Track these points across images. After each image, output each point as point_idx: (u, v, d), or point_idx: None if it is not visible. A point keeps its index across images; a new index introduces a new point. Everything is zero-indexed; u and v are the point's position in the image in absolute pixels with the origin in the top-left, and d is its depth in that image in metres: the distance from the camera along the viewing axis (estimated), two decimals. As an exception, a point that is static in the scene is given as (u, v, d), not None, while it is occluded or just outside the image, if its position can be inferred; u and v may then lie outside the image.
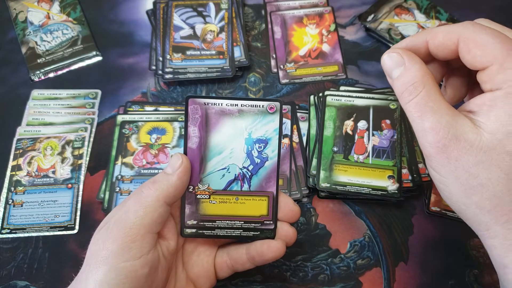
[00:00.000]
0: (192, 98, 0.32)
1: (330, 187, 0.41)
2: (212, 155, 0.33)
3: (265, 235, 0.34)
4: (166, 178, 0.31)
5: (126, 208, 0.30)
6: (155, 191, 0.30)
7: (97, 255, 0.28)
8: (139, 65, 0.52)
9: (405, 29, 0.52)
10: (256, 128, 0.33)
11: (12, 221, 0.42)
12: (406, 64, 0.29)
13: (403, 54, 0.29)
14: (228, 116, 0.32)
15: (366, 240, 0.41)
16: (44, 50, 0.53)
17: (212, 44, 0.51)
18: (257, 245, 0.33)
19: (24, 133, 0.47)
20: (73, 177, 0.44)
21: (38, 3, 0.56)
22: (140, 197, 0.30)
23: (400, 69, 0.29)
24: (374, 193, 0.41)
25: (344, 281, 0.39)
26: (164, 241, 0.32)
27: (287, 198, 0.34)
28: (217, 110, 0.32)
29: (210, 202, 0.33)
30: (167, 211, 0.31)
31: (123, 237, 0.28)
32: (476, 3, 0.54)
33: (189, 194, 0.33)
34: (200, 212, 0.33)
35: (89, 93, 0.50)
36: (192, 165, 0.32)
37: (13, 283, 0.39)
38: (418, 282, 0.39)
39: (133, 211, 0.29)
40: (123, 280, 0.27)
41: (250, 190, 0.33)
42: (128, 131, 0.46)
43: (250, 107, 0.32)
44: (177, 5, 0.54)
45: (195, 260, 0.35)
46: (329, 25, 0.54)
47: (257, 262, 0.34)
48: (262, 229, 0.34)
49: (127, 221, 0.29)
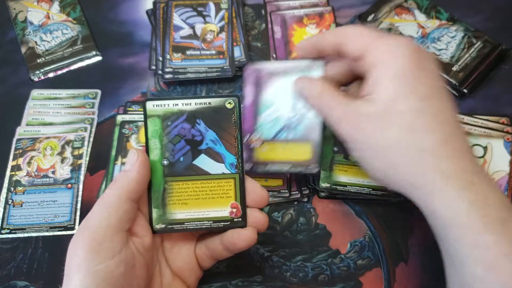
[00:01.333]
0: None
1: (330, 187, 0.41)
2: (264, 109, 0.38)
3: (235, 225, 0.34)
4: (125, 175, 0.31)
5: (92, 212, 0.30)
6: (115, 190, 0.30)
7: (71, 264, 0.28)
8: (139, 65, 0.52)
9: (405, 29, 0.52)
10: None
11: (11, 221, 0.42)
12: (310, 84, 0.36)
13: (304, 79, 0.37)
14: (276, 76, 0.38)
15: (366, 240, 0.41)
16: (43, 50, 0.53)
17: (212, 44, 0.51)
18: (229, 235, 0.33)
19: (24, 133, 0.47)
20: (72, 177, 0.44)
21: (37, 3, 0.56)
22: (103, 198, 0.30)
23: (307, 90, 0.36)
24: (374, 193, 0.41)
25: (344, 281, 0.39)
26: (137, 238, 0.32)
27: (254, 182, 0.34)
28: (267, 72, 0.38)
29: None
30: (133, 207, 0.31)
31: (91, 241, 0.28)
32: (476, 3, 0.54)
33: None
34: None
35: (89, 93, 0.50)
36: (247, 119, 0.38)
37: (13, 283, 0.39)
38: (419, 282, 0.39)
39: (97, 213, 0.30)
40: (101, 283, 0.28)
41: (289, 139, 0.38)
42: (128, 131, 0.46)
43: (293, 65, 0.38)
44: (177, 5, 0.54)
45: (176, 255, 0.35)
46: (329, 25, 0.54)
47: (232, 251, 0.34)
48: (232, 218, 0.34)
49: (93, 224, 0.29)
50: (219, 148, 0.34)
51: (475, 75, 0.48)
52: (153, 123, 0.33)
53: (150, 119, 0.33)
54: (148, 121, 0.33)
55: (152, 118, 0.33)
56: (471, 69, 0.48)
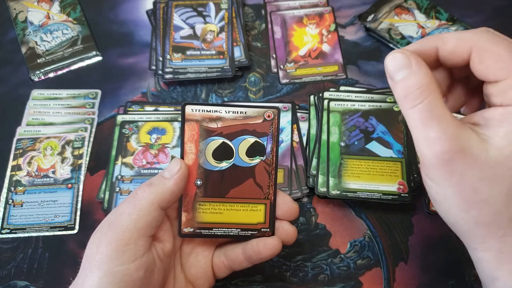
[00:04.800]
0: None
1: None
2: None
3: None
4: (162, 182, 0.31)
5: (121, 210, 0.30)
6: (150, 194, 0.30)
7: (92, 260, 0.28)
8: (139, 65, 0.52)
9: (405, 29, 0.52)
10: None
11: (12, 221, 0.42)
12: (413, 67, 0.27)
13: (410, 56, 0.27)
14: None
15: (366, 240, 0.41)
16: (44, 50, 0.53)
17: (212, 44, 0.51)
18: (253, 244, 0.33)
19: (24, 133, 0.47)
20: (73, 177, 0.44)
21: (38, 3, 0.56)
22: (134, 199, 0.30)
23: (405, 71, 0.27)
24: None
25: (344, 281, 0.39)
26: (159, 243, 0.32)
27: (286, 196, 0.34)
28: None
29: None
30: (161, 214, 0.31)
31: (116, 240, 0.28)
32: (476, 3, 0.54)
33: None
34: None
35: (89, 93, 0.50)
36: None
37: (13, 283, 0.39)
38: (418, 282, 0.39)
39: (127, 214, 0.29)
40: (119, 284, 0.27)
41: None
42: (128, 131, 0.46)
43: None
44: (177, 5, 0.54)
45: (192, 261, 0.35)
46: (329, 25, 0.54)
47: (254, 261, 0.34)
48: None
49: (120, 224, 0.29)
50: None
51: (475, 75, 0.48)
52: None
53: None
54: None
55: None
56: (471, 69, 0.48)
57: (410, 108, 0.26)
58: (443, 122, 0.25)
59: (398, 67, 0.27)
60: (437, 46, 0.28)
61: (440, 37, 0.28)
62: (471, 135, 0.25)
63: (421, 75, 0.27)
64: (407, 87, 0.27)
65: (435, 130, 0.25)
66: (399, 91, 0.27)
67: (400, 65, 0.27)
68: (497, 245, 0.26)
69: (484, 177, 0.25)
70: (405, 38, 0.51)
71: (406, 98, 0.27)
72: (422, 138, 0.26)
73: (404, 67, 0.27)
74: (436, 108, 0.26)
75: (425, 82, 0.26)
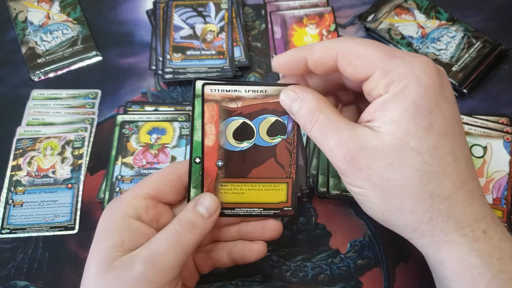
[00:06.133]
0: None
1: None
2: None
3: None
4: (204, 224, 0.30)
5: (160, 248, 0.29)
6: (195, 237, 0.30)
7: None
8: (139, 65, 0.52)
9: (405, 29, 0.52)
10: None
11: (12, 221, 0.42)
12: (301, 97, 0.29)
13: (295, 89, 0.30)
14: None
15: (366, 240, 0.41)
16: (44, 50, 0.53)
17: (212, 44, 0.51)
18: (239, 249, 0.34)
19: (24, 133, 0.47)
20: (73, 177, 0.44)
21: (38, 3, 0.56)
22: (179, 239, 0.29)
23: (296, 104, 0.30)
24: None
25: (344, 281, 0.39)
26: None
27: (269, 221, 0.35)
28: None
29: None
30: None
31: (158, 281, 0.28)
32: (476, 3, 0.54)
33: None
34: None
35: (89, 93, 0.50)
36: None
37: (13, 283, 0.39)
38: (419, 282, 0.39)
39: (172, 255, 0.29)
40: None
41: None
42: (128, 131, 0.46)
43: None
44: (177, 5, 0.54)
45: None
46: (329, 25, 0.54)
47: (238, 263, 0.35)
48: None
49: (164, 264, 0.28)
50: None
51: (475, 75, 0.48)
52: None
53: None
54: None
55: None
56: (471, 69, 0.48)
57: (310, 130, 0.29)
58: (337, 130, 0.28)
59: (290, 102, 0.30)
60: (305, 56, 0.29)
61: (308, 47, 0.29)
62: (365, 132, 0.27)
63: (308, 101, 0.29)
64: (302, 116, 0.29)
65: (332, 139, 0.28)
66: (299, 121, 0.30)
67: (291, 100, 0.30)
68: (429, 230, 0.27)
69: (388, 164, 0.26)
70: (405, 38, 0.51)
71: (305, 124, 0.29)
72: (327, 151, 0.28)
73: (294, 100, 0.30)
74: (329, 122, 0.28)
75: (313, 105, 0.29)
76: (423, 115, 0.26)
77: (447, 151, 0.26)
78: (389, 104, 0.26)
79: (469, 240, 0.26)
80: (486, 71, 0.48)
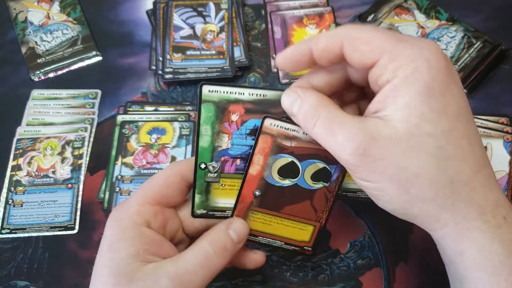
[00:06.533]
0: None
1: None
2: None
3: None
4: (233, 249, 0.31)
5: (190, 268, 0.29)
6: (224, 260, 0.30)
7: None
8: (139, 65, 0.52)
9: (405, 29, 0.52)
10: None
11: (12, 221, 0.42)
12: (302, 96, 0.28)
13: (296, 89, 0.29)
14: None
15: (366, 240, 0.41)
16: (44, 50, 0.53)
17: (212, 44, 0.51)
18: (239, 256, 0.34)
19: (24, 133, 0.47)
20: (73, 177, 0.44)
21: (38, 3, 0.56)
22: (209, 261, 0.29)
23: (297, 103, 0.29)
24: None
25: (344, 281, 0.39)
26: None
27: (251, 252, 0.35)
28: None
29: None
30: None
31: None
32: (476, 3, 0.54)
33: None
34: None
35: (89, 93, 0.50)
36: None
37: (13, 283, 0.39)
38: (419, 282, 0.39)
39: (200, 275, 0.29)
40: None
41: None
42: (128, 131, 0.46)
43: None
44: (177, 5, 0.54)
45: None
46: (329, 25, 0.54)
47: (236, 266, 0.35)
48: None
49: (190, 284, 0.28)
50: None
51: (475, 75, 0.48)
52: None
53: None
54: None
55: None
56: (471, 69, 0.48)
57: (312, 127, 0.28)
58: (345, 124, 0.26)
59: (291, 102, 0.29)
60: (310, 47, 0.28)
61: (312, 39, 0.28)
62: (375, 122, 0.26)
63: (310, 99, 0.28)
64: (304, 114, 0.28)
65: (341, 133, 0.26)
66: (300, 120, 0.29)
67: (291, 100, 0.29)
68: (451, 217, 0.26)
69: (405, 152, 0.25)
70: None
71: (306, 122, 0.28)
72: (334, 146, 0.27)
73: (295, 100, 0.29)
74: (334, 117, 0.27)
75: (315, 102, 0.28)
76: (436, 98, 0.25)
77: (461, 135, 0.25)
78: (400, 89, 0.25)
79: (492, 226, 0.25)
80: (486, 71, 0.48)
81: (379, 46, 0.26)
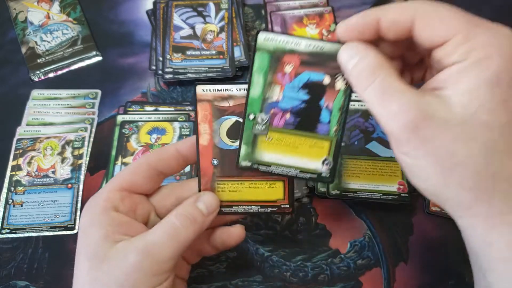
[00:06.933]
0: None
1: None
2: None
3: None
4: (202, 221, 0.31)
5: (157, 240, 0.29)
6: (193, 232, 0.30)
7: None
8: (139, 65, 0.52)
9: (405, 29, 0.52)
10: None
11: (12, 221, 0.42)
12: (362, 53, 0.27)
13: (358, 44, 0.27)
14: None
15: (366, 240, 0.41)
16: (44, 50, 0.53)
17: (212, 44, 0.51)
18: (217, 235, 0.34)
19: (24, 133, 0.47)
20: (73, 177, 0.44)
21: (38, 3, 0.56)
22: (176, 232, 0.29)
23: (355, 59, 0.27)
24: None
25: (344, 281, 0.39)
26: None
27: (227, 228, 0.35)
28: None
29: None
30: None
31: (153, 271, 0.28)
32: (476, 3, 0.54)
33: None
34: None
35: (89, 93, 0.50)
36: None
37: (13, 283, 0.39)
38: (418, 282, 0.39)
39: (168, 246, 0.29)
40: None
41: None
42: (128, 131, 0.46)
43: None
44: (177, 5, 0.54)
45: None
46: (329, 25, 0.54)
47: (221, 249, 0.35)
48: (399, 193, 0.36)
49: (159, 255, 0.29)
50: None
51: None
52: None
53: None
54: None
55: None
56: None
57: (364, 89, 0.26)
58: (402, 94, 0.25)
59: (348, 58, 0.28)
60: (378, 17, 0.27)
61: (381, 8, 0.27)
62: (433, 100, 0.25)
63: (370, 58, 0.26)
64: (359, 72, 0.27)
65: (396, 103, 0.25)
66: (353, 78, 0.27)
67: (349, 55, 0.28)
68: (484, 210, 0.25)
69: (456, 138, 0.24)
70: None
71: (359, 82, 0.27)
72: (385, 115, 0.26)
73: (353, 56, 0.27)
74: (391, 83, 0.25)
75: (375, 62, 0.26)
76: (502, 90, 0.24)
77: None
78: (467, 73, 0.24)
79: None
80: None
81: (454, 25, 0.25)
